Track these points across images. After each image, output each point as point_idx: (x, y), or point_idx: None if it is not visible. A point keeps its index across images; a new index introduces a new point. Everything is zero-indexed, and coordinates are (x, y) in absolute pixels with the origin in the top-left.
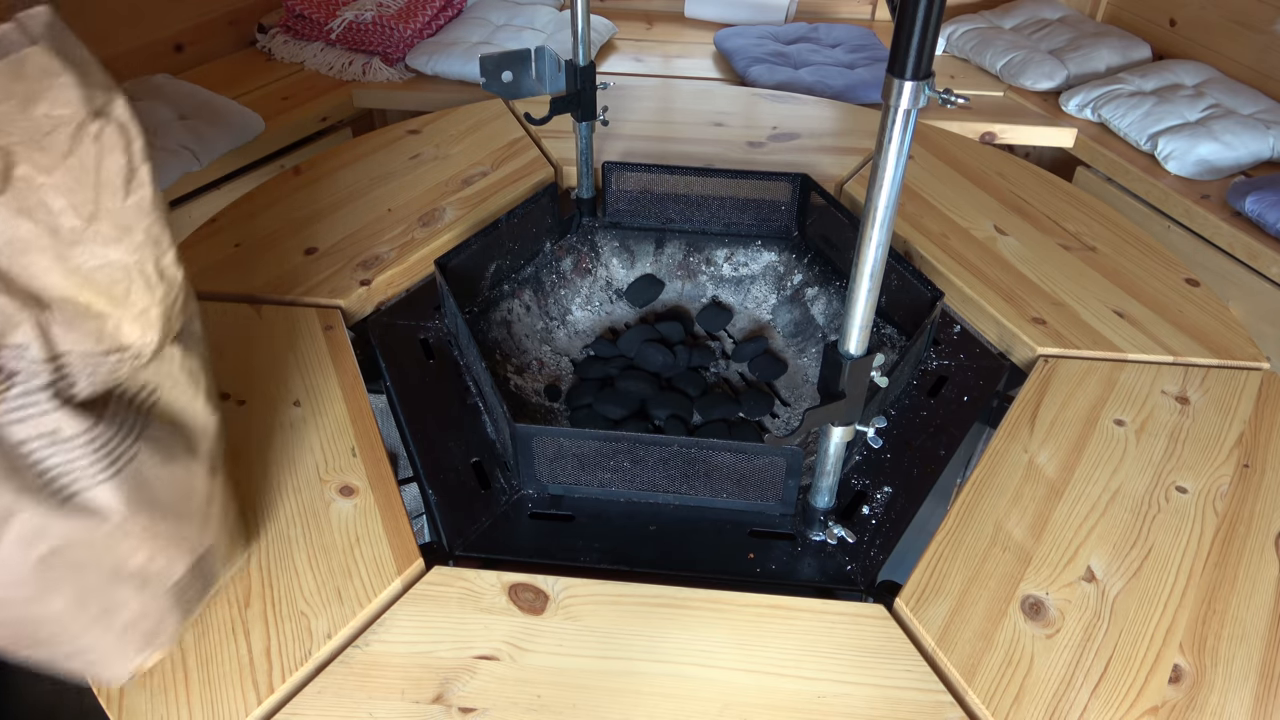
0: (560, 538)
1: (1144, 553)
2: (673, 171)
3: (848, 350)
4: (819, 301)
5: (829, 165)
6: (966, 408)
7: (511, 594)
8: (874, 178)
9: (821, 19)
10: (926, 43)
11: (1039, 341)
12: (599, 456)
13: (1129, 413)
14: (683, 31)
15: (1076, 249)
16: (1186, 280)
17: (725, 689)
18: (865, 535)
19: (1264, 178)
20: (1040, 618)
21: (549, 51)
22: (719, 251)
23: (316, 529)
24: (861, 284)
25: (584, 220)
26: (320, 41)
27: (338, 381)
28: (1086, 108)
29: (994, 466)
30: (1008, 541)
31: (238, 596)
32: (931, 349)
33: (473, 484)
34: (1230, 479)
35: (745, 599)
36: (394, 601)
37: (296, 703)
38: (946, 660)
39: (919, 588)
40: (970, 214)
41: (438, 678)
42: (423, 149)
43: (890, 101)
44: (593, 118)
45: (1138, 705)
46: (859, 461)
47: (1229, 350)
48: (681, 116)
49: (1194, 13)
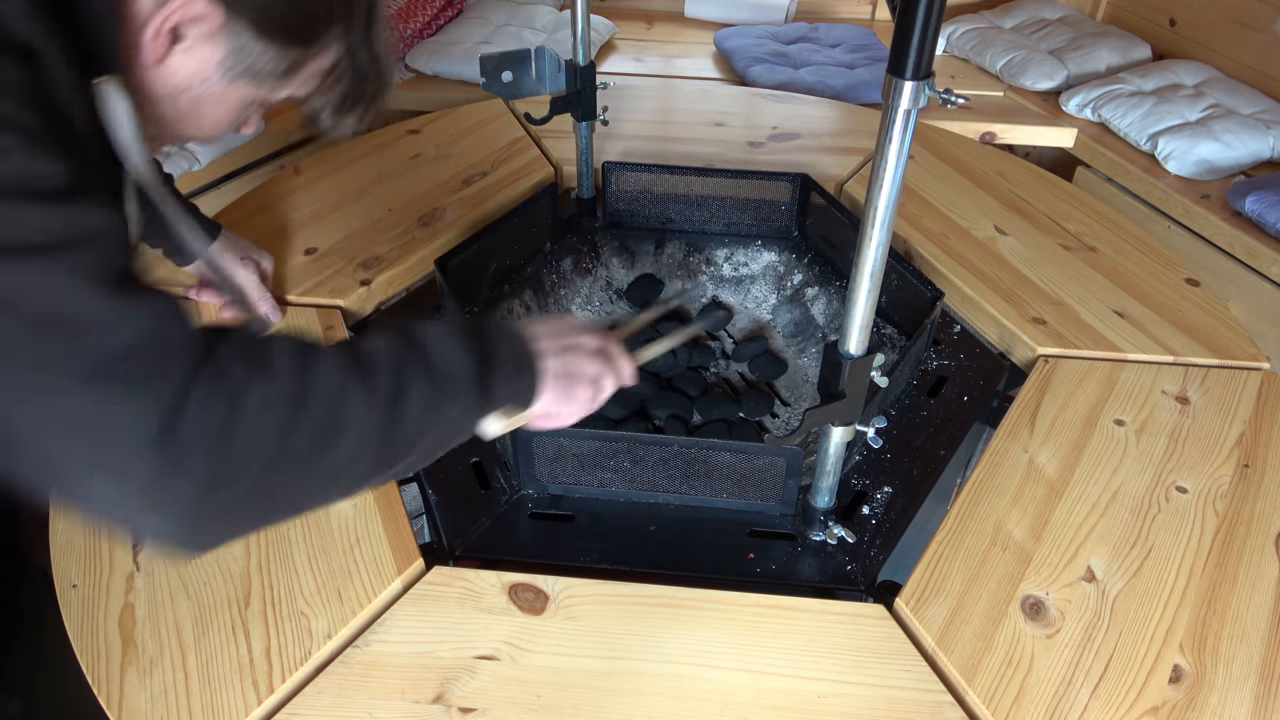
0: (560, 538)
1: (1144, 553)
2: (673, 171)
3: (848, 350)
4: (819, 301)
5: (829, 165)
6: (966, 408)
7: (511, 594)
8: (874, 178)
9: (821, 19)
10: (926, 43)
11: (1039, 341)
12: (599, 456)
13: (1129, 413)
14: (683, 31)
15: (1076, 249)
16: (1186, 280)
17: (725, 689)
18: (865, 535)
19: (1264, 178)
20: (1040, 618)
21: (549, 51)
22: (719, 251)
23: (316, 529)
24: (861, 284)
25: (584, 220)
26: None
27: None
28: (1086, 108)
29: (994, 466)
30: (1008, 541)
31: (238, 596)
32: (931, 349)
33: (473, 484)
34: (1230, 479)
35: (745, 599)
36: (394, 601)
37: (296, 703)
38: (946, 660)
39: (919, 588)
40: (970, 214)
41: (438, 678)
42: (423, 149)
43: (890, 101)
44: (593, 118)
45: (1138, 705)
46: (859, 461)
47: (1229, 350)
48: (681, 116)
49: (1194, 13)
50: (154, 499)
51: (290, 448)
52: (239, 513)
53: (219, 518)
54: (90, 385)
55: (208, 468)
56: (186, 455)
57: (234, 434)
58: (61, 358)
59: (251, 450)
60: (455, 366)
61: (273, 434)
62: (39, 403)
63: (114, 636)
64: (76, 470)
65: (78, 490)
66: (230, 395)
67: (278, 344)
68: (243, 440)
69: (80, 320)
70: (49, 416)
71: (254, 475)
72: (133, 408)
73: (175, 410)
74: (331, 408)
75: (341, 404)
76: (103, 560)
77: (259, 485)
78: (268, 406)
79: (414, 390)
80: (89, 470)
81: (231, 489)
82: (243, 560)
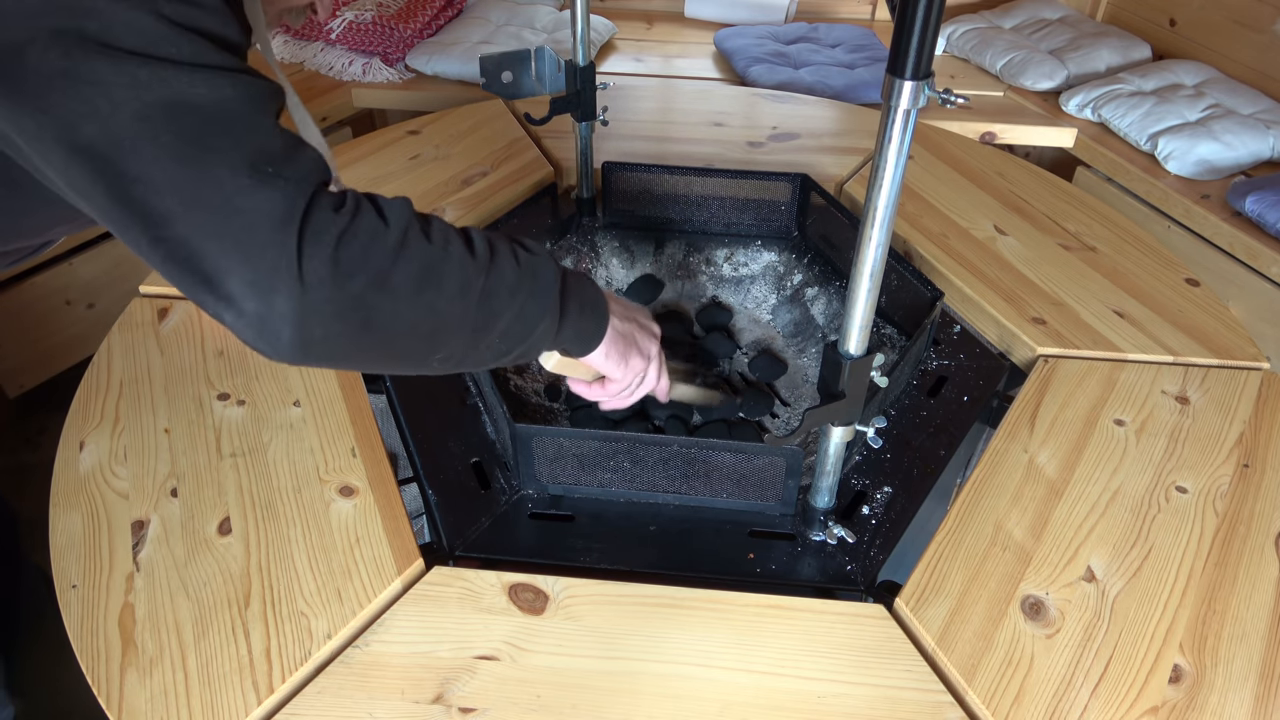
0: (560, 538)
1: (1144, 553)
2: (672, 171)
3: (848, 350)
4: (819, 301)
5: (829, 165)
6: (966, 408)
7: (511, 594)
8: (874, 178)
9: (821, 19)
10: (926, 43)
11: (1039, 341)
12: (599, 456)
13: (1129, 413)
14: (683, 31)
15: (1076, 249)
16: (1186, 280)
17: (725, 689)
18: (865, 535)
19: (1264, 178)
20: (1040, 618)
21: (549, 51)
22: (719, 251)
23: (316, 529)
24: (861, 284)
25: (584, 220)
26: (320, 41)
27: (338, 381)
28: (1086, 108)
29: (994, 466)
30: (1008, 541)
31: (238, 596)
32: (931, 349)
33: (473, 484)
34: (1230, 479)
35: (745, 599)
36: (394, 602)
37: (296, 703)
38: (946, 660)
39: (919, 588)
40: (970, 214)
41: (438, 678)
42: (423, 149)
43: (890, 101)
44: (592, 118)
45: (1138, 705)
46: (859, 461)
47: (1229, 350)
48: (681, 116)
49: (1194, 13)
50: (278, 282)
51: (394, 274)
52: (341, 321)
53: (324, 318)
54: (246, 173)
55: (325, 263)
56: (310, 246)
57: (351, 243)
58: (230, 147)
59: (362, 263)
60: (544, 270)
61: (380, 257)
62: (201, 186)
63: (114, 637)
64: (217, 255)
65: (214, 276)
66: (352, 214)
67: (387, 200)
68: (357, 251)
69: (250, 124)
70: (206, 201)
71: (360, 285)
72: (274, 197)
73: (309, 210)
74: (429, 258)
75: (440, 257)
76: (103, 560)
77: (361, 299)
78: (377, 235)
79: (506, 268)
80: (229, 253)
81: (341, 290)
82: (243, 560)
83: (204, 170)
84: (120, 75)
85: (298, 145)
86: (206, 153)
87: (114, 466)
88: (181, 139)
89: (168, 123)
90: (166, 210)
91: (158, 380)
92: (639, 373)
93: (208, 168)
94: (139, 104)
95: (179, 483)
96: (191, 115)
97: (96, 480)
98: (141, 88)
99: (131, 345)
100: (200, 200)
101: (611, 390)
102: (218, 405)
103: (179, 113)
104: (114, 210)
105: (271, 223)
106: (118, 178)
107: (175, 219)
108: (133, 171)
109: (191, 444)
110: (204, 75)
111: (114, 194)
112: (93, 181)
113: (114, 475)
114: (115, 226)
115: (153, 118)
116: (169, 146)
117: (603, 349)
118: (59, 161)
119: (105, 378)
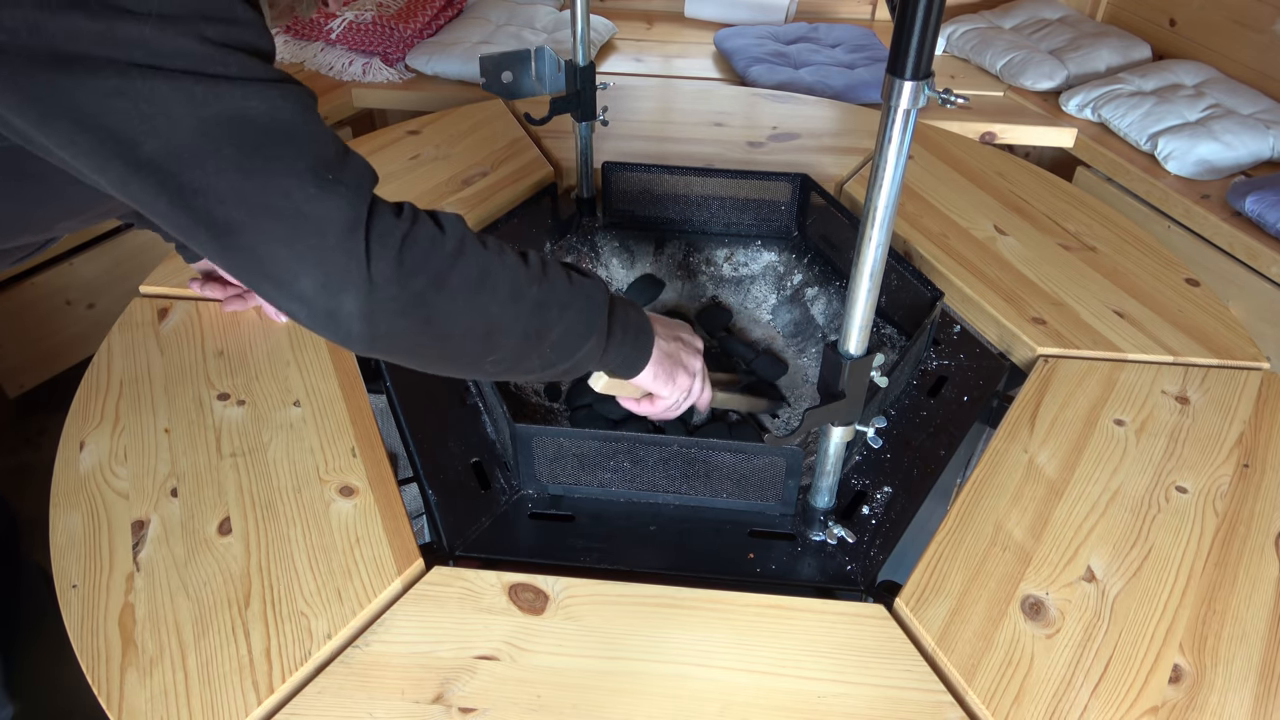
0: (560, 538)
1: (1144, 553)
2: (672, 171)
3: (848, 350)
4: (819, 301)
5: (829, 165)
6: (966, 408)
7: (511, 594)
8: (874, 178)
9: (821, 19)
10: (926, 43)
11: (1039, 341)
12: (599, 456)
13: (1129, 413)
14: (683, 31)
15: (1076, 249)
16: (1186, 280)
17: (725, 689)
18: (865, 535)
19: (1264, 178)
20: (1040, 618)
21: (549, 51)
22: (719, 251)
23: (316, 529)
24: (861, 284)
25: (584, 220)
26: (320, 41)
27: (337, 382)
28: (1086, 108)
29: (994, 466)
30: (1008, 541)
31: (238, 596)
32: (931, 349)
33: (473, 484)
34: (1230, 479)
35: (745, 599)
36: (394, 602)
37: (296, 703)
38: (946, 660)
39: (919, 588)
40: (970, 214)
41: (438, 678)
42: (423, 149)
43: (890, 101)
44: (592, 118)
45: (1138, 705)
46: (859, 461)
47: (1229, 350)
48: (681, 116)
49: (1194, 13)
50: (346, 283)
51: (452, 275)
52: (404, 319)
53: (389, 315)
54: (310, 182)
55: (390, 264)
56: (377, 248)
57: (413, 247)
58: (293, 156)
59: (424, 264)
60: (595, 292)
61: (439, 260)
62: (267, 195)
63: (114, 637)
64: (288, 259)
65: (284, 278)
66: (411, 220)
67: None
68: (419, 254)
69: (306, 134)
70: (274, 209)
71: (421, 284)
72: (340, 204)
73: (371, 215)
74: (485, 264)
75: (496, 265)
76: (103, 560)
77: (421, 297)
78: (436, 241)
79: (559, 283)
80: (302, 257)
81: (404, 289)
82: (243, 560)
83: (268, 180)
84: (177, 93)
85: (348, 150)
86: (270, 162)
87: (114, 466)
88: (243, 151)
89: (228, 136)
90: (231, 219)
91: (158, 380)
92: (685, 389)
93: (272, 177)
94: (196, 120)
95: (179, 483)
96: (249, 127)
97: (97, 480)
98: (198, 104)
99: (131, 345)
100: (268, 209)
101: (660, 406)
102: (218, 405)
103: (237, 126)
104: (178, 217)
105: (339, 228)
106: (179, 190)
107: (243, 227)
108: (196, 184)
109: (191, 444)
110: (255, 89)
111: (179, 205)
112: (155, 195)
113: (114, 475)
114: (178, 231)
115: (212, 133)
116: (231, 159)
117: (649, 370)
118: (116, 175)
119: (105, 378)
